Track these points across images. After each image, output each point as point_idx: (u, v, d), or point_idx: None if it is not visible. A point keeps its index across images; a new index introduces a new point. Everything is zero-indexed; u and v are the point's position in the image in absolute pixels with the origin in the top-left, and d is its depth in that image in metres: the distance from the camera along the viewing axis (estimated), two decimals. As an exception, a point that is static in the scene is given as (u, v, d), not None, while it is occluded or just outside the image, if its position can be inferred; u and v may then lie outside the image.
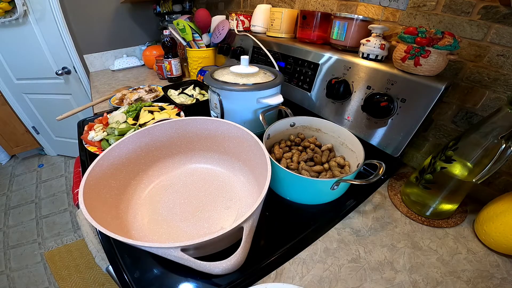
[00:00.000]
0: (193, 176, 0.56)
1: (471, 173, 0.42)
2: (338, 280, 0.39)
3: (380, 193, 0.56)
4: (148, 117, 0.72)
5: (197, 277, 0.39)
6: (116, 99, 0.93)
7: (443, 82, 0.46)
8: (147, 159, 0.52)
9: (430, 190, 0.47)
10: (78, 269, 1.26)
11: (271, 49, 0.81)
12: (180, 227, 0.45)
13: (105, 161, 0.43)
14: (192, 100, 0.87)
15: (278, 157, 0.55)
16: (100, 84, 1.24)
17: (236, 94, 0.60)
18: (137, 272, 0.39)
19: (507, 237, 0.41)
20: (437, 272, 0.40)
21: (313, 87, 0.70)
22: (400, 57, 0.49)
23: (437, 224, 0.48)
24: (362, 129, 0.60)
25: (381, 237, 0.46)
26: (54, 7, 1.24)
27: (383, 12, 0.60)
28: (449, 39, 0.43)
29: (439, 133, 0.57)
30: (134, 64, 1.49)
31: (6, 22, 1.27)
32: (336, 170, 0.52)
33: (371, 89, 0.56)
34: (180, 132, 0.54)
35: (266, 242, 0.45)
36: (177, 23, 1.01)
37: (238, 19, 0.95)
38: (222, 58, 1.09)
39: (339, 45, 0.65)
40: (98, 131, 0.66)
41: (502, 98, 0.46)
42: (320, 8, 0.75)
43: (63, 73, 1.50)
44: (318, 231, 0.47)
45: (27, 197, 1.73)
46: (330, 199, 0.50)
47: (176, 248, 0.29)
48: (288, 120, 0.60)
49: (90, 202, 0.35)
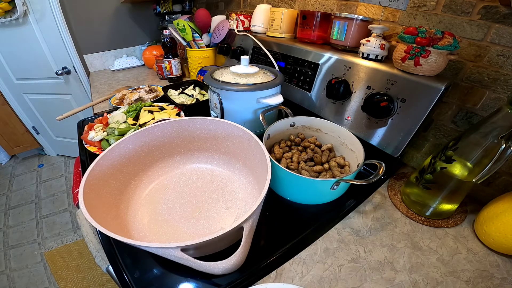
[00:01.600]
0: (193, 176, 0.56)
1: (471, 173, 0.42)
2: (338, 280, 0.39)
3: (380, 193, 0.56)
4: (148, 117, 0.72)
5: (197, 277, 0.39)
6: (116, 99, 0.93)
7: (443, 82, 0.46)
8: (147, 159, 0.52)
9: (430, 190, 0.47)
10: (78, 269, 1.26)
11: (271, 49, 0.81)
12: (180, 227, 0.45)
13: (105, 161, 0.43)
14: (192, 100, 0.87)
15: (278, 157, 0.54)
16: (100, 84, 1.24)
17: (236, 94, 0.60)
18: (137, 272, 0.39)
19: (507, 237, 0.41)
20: (437, 272, 0.40)
21: (313, 87, 0.70)
22: (400, 57, 0.49)
23: (437, 224, 0.48)
24: (362, 129, 0.60)
25: (381, 237, 0.46)
26: (54, 7, 1.24)
27: (383, 12, 0.60)
28: (449, 39, 0.43)
29: (439, 133, 0.57)
30: (134, 64, 1.49)
31: (6, 22, 1.27)
32: (336, 170, 0.52)
33: (371, 89, 0.56)
34: (180, 132, 0.54)
35: (266, 242, 0.45)
36: (177, 23, 1.01)
37: (238, 19, 0.95)
38: (222, 58, 1.09)
39: (339, 45, 0.65)
40: (98, 131, 0.66)
41: (502, 98, 0.46)
42: (320, 8, 0.75)
43: (63, 73, 1.50)
44: (318, 231, 0.47)
45: (27, 197, 1.73)
46: (330, 199, 0.50)
47: (176, 248, 0.29)
48: (288, 120, 0.60)
49: (90, 202, 0.35)
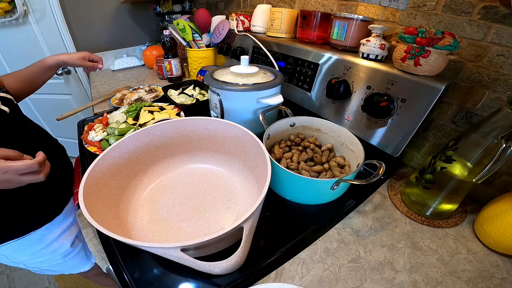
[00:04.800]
0: (193, 176, 0.56)
1: (471, 173, 0.42)
2: (338, 280, 0.39)
3: (380, 193, 0.56)
4: (148, 117, 0.72)
5: (197, 277, 0.39)
6: (116, 99, 0.93)
7: (443, 82, 0.46)
8: (147, 159, 0.52)
9: (430, 190, 0.47)
10: (78, 269, 1.26)
11: (271, 49, 0.81)
12: (180, 227, 0.45)
13: (105, 161, 0.43)
14: (192, 100, 0.87)
15: (278, 157, 0.55)
16: (100, 84, 1.24)
17: (236, 94, 0.60)
18: (137, 272, 0.39)
19: (507, 237, 0.41)
20: (437, 272, 0.40)
21: (313, 87, 0.70)
22: (400, 57, 0.49)
23: (437, 224, 0.48)
24: (362, 129, 0.60)
25: (381, 237, 0.46)
26: (54, 7, 1.24)
27: (383, 12, 0.60)
28: (449, 39, 0.43)
29: (439, 133, 0.57)
30: (134, 64, 1.49)
31: (6, 22, 1.27)
32: (336, 170, 0.52)
33: (371, 89, 0.56)
34: (180, 132, 0.54)
35: (266, 242, 0.45)
36: (177, 23, 1.01)
37: (238, 19, 0.95)
38: (222, 58, 1.09)
39: (339, 45, 0.65)
40: (98, 131, 0.66)
41: (502, 98, 0.46)
42: (320, 8, 0.75)
43: (63, 73, 1.50)
44: (318, 231, 0.47)
45: (27, 197, 1.72)
46: (330, 199, 0.50)
47: (176, 248, 0.29)
48: (288, 120, 0.60)
49: (90, 202, 0.35)
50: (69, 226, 0.67)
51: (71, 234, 0.68)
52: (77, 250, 0.70)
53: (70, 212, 0.68)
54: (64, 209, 0.65)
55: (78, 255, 0.71)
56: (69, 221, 0.67)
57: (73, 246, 0.68)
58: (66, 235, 0.66)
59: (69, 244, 0.67)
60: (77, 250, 0.70)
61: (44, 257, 0.63)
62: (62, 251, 0.66)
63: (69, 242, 0.67)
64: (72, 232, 0.68)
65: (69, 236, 0.67)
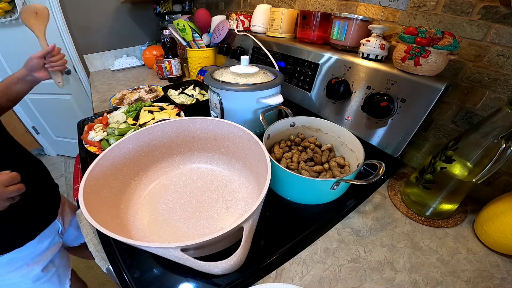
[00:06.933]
0: (193, 176, 0.56)
1: (471, 173, 0.42)
2: (338, 280, 0.39)
3: (380, 193, 0.56)
4: (148, 117, 0.72)
5: (197, 277, 0.39)
6: (116, 99, 0.94)
7: (443, 82, 0.46)
8: (147, 159, 0.52)
9: (430, 190, 0.47)
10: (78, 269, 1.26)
11: (271, 49, 0.81)
12: (180, 227, 0.45)
13: (105, 161, 0.43)
14: (192, 100, 0.87)
15: (278, 157, 0.55)
16: (100, 84, 1.24)
17: (236, 94, 0.60)
18: (137, 272, 0.39)
19: (507, 237, 0.41)
20: (437, 272, 0.40)
21: (313, 87, 0.70)
22: (400, 57, 0.49)
23: (437, 224, 0.48)
24: (362, 129, 0.60)
25: (381, 237, 0.46)
26: (54, 7, 1.24)
27: (383, 12, 0.60)
28: (449, 39, 0.43)
29: (439, 133, 0.57)
30: (134, 64, 1.49)
31: (6, 22, 1.27)
32: (336, 170, 0.52)
33: (371, 89, 0.56)
34: (180, 132, 0.54)
35: (266, 242, 0.45)
36: (177, 23, 1.01)
37: (238, 19, 0.95)
38: (222, 58, 1.09)
39: (339, 45, 0.65)
40: (98, 131, 0.67)
41: (502, 98, 0.46)
42: (320, 8, 0.75)
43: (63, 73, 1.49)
44: (318, 231, 0.47)
45: (27, 197, 1.72)
46: (330, 199, 0.50)
47: (176, 248, 0.29)
48: (288, 120, 0.60)
49: (90, 202, 0.35)
50: (44, 251, 0.63)
51: (44, 259, 0.63)
52: (49, 275, 0.65)
53: (47, 237, 0.64)
54: (41, 234, 0.61)
55: (50, 281, 0.66)
56: (44, 245, 0.63)
57: (44, 271, 0.63)
58: (39, 259, 0.62)
59: (40, 269, 0.62)
60: (49, 275, 0.65)
61: (12, 280, 0.59)
62: (32, 275, 0.61)
63: (40, 267, 0.62)
64: (45, 257, 0.64)
65: (42, 261, 0.63)
